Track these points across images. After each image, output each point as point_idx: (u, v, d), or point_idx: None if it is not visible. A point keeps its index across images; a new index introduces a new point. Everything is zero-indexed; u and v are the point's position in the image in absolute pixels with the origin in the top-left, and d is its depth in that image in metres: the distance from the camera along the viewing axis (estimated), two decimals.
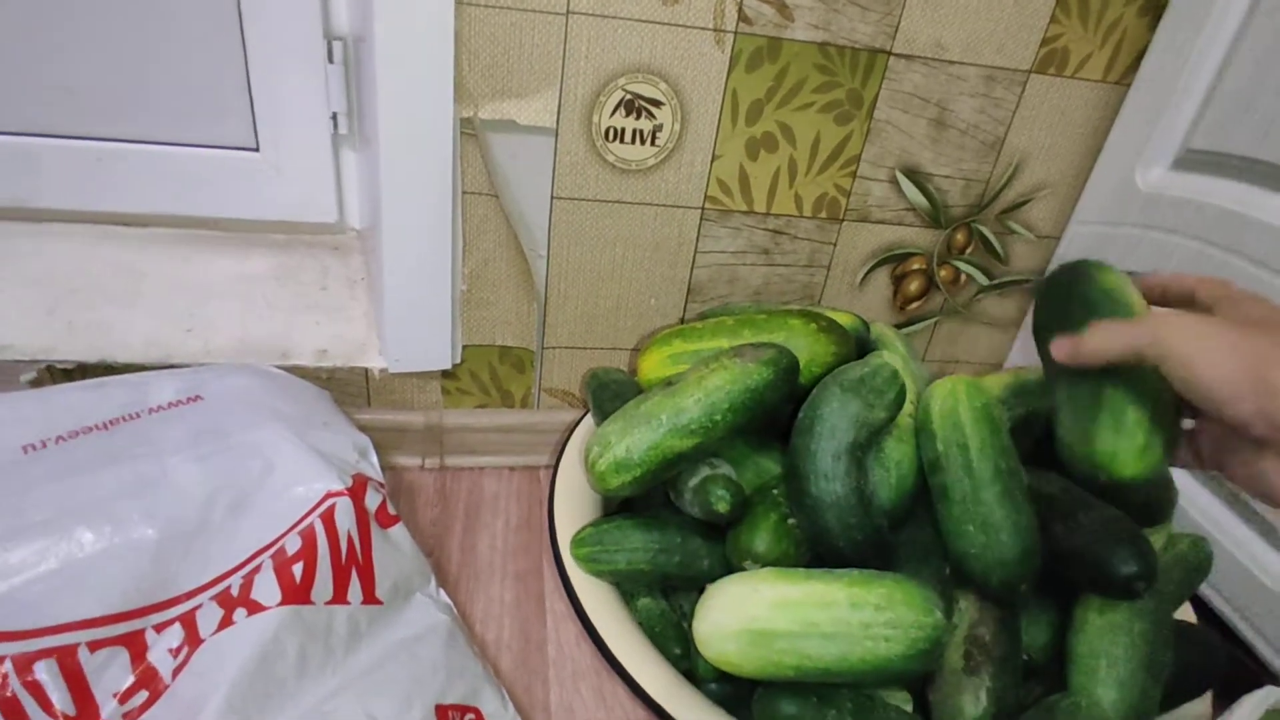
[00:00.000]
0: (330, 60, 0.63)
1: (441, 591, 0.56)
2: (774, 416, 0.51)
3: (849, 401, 0.46)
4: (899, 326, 0.74)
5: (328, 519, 0.49)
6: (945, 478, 0.46)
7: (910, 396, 0.52)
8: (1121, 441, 0.36)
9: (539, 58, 0.54)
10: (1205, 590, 0.57)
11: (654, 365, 0.56)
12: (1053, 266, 0.71)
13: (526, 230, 0.61)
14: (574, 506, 0.55)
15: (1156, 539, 0.50)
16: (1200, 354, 0.30)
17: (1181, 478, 0.60)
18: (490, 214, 0.60)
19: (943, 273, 0.71)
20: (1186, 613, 0.53)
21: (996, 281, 0.73)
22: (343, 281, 0.71)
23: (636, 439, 0.47)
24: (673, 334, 0.57)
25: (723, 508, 0.46)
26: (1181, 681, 0.46)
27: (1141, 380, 0.37)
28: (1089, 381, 0.38)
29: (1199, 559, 0.50)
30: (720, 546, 0.49)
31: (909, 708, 0.45)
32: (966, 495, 0.44)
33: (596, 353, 0.69)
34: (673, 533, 0.50)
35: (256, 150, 0.67)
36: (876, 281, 0.71)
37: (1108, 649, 0.42)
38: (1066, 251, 0.70)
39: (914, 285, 0.71)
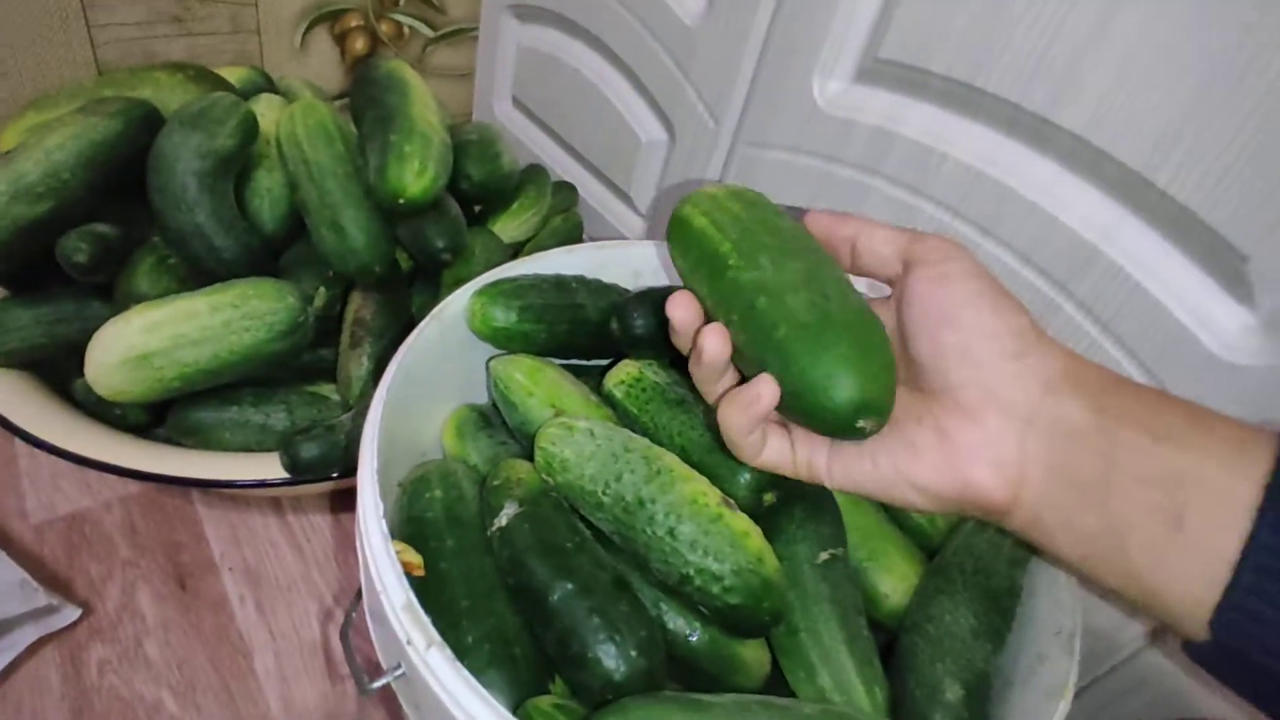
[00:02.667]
0: None
1: None
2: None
3: (189, 134, 0.48)
4: None
5: None
6: (301, 192, 0.51)
7: None
8: (405, 172, 0.49)
9: None
10: None
11: (10, 144, 0.53)
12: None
13: None
14: None
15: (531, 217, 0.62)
16: None
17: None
18: None
19: (384, 27, 0.73)
20: None
21: (441, 33, 0.77)
22: None
23: None
24: (26, 107, 0.54)
25: (81, 258, 0.47)
26: None
27: (418, 124, 0.51)
28: (380, 132, 0.51)
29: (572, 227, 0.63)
30: None
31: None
32: (317, 203, 0.50)
33: None
34: (67, 303, 0.50)
35: None
36: (318, 43, 0.71)
37: None
38: None
39: (359, 43, 0.73)
